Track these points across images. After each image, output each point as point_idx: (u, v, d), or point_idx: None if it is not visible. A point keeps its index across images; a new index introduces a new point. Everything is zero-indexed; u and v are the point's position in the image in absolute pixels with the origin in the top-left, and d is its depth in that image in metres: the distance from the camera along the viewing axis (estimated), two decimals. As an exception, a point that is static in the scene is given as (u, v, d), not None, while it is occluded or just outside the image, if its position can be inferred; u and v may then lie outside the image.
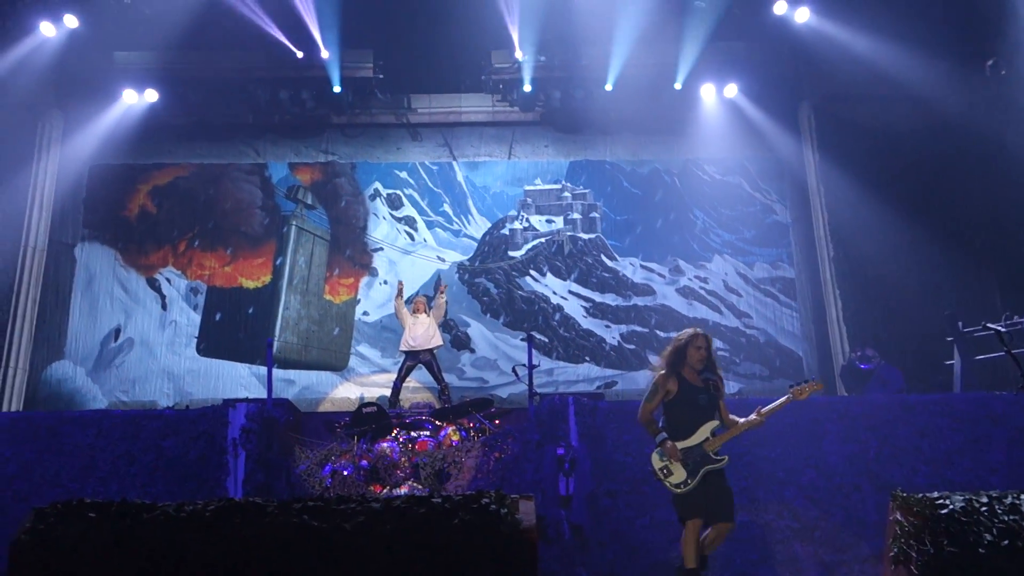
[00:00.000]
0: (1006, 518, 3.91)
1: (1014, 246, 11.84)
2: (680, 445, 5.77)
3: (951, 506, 3.94)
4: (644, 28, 12.17)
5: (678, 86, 13.08)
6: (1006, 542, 3.80)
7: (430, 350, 10.18)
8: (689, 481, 5.70)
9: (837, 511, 7.48)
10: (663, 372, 5.98)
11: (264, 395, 9.80)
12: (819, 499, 7.61)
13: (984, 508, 3.94)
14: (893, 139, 12.54)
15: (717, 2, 11.92)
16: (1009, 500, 4.04)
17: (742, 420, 5.89)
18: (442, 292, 10.70)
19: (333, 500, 3.83)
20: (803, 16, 11.93)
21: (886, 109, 12.77)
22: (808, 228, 13.36)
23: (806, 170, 13.41)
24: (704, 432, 5.81)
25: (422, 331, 10.17)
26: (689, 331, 6.13)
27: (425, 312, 10.36)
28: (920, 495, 4.08)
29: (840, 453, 7.72)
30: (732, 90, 13.28)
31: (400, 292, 10.53)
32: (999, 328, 5.10)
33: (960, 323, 10.12)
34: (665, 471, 5.81)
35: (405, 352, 10.24)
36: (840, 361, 11.95)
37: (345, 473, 7.98)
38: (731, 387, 12.78)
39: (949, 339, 10.42)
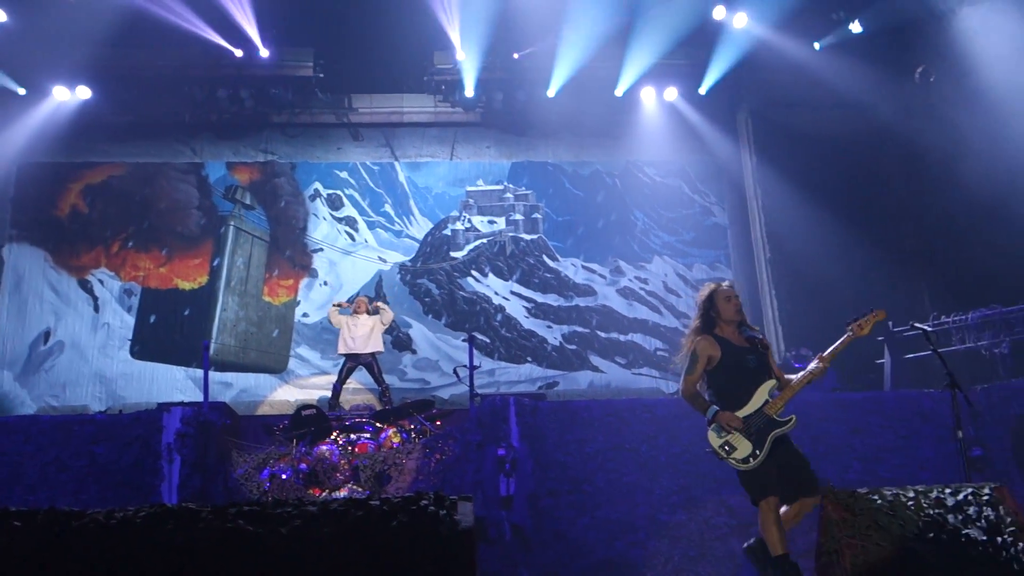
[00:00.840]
0: (931, 511, 4.04)
1: (941, 250, 12.21)
2: (738, 414, 4.97)
3: (879, 501, 4.07)
4: (586, 31, 12.24)
5: (619, 92, 13.21)
6: (931, 534, 3.93)
7: (371, 353, 10.12)
8: (757, 453, 4.87)
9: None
10: (699, 336, 5.22)
11: (200, 399, 9.62)
12: (754, 496, 7.73)
13: (911, 502, 4.07)
14: (828, 144, 12.83)
15: (658, 7, 12.04)
16: (935, 494, 4.17)
17: (802, 372, 5.06)
18: (384, 307, 10.59)
19: (269, 504, 3.78)
20: (741, 22, 12.12)
21: (821, 115, 13.06)
22: (745, 230, 13.61)
23: (744, 173, 13.66)
24: (762, 395, 5.01)
25: (362, 332, 10.09)
26: (709, 285, 5.39)
27: (367, 312, 10.27)
28: (850, 490, 4.20)
29: (776, 451, 7.83)
30: (672, 94, 13.46)
31: (336, 305, 10.51)
32: (926, 328, 5.27)
33: (890, 323, 10.40)
34: (727, 448, 4.97)
35: (344, 354, 10.15)
36: (776, 360, 12.18)
37: (283, 477, 7.89)
38: (670, 387, 12.96)
39: (880, 339, 10.71)
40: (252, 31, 12.25)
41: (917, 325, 5.66)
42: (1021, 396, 8.56)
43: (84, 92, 12.70)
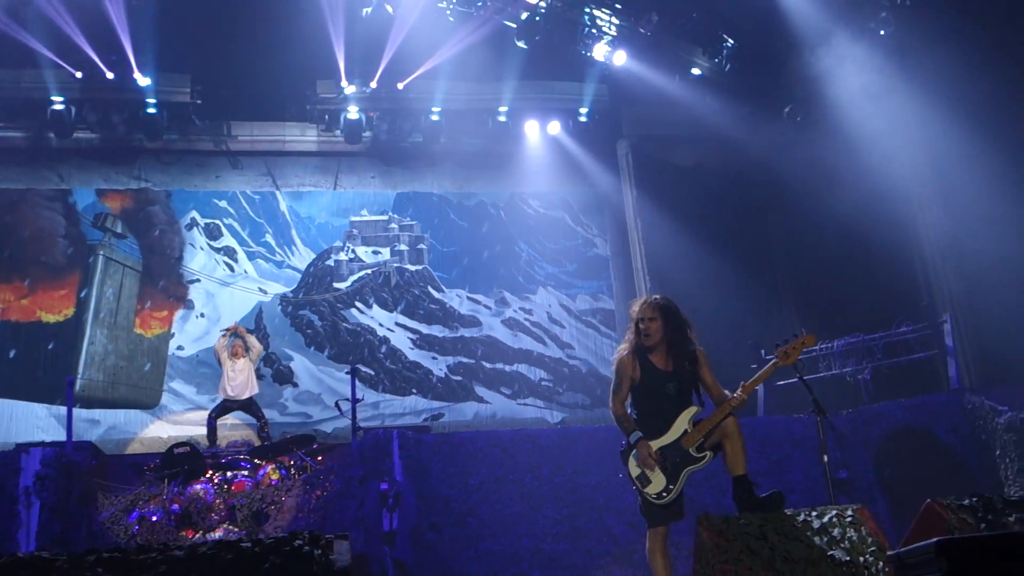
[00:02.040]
0: (799, 535, 4.19)
1: (809, 281, 12.77)
2: (655, 444, 4.81)
3: (750, 526, 4.18)
4: (471, 64, 12.36)
5: (502, 124, 13.38)
6: (799, 557, 4.06)
7: (249, 398, 9.92)
8: (671, 487, 4.76)
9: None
10: (623, 355, 5.03)
11: (64, 437, 9.12)
12: (637, 523, 7.82)
13: (779, 527, 4.21)
14: (705, 177, 13.30)
15: (540, 43, 12.26)
16: (802, 517, 4.32)
17: (721, 405, 4.89)
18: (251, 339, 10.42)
19: (132, 550, 3.58)
20: (620, 59, 12.47)
21: (697, 149, 13.55)
22: (627, 261, 13.89)
23: (624, 205, 13.97)
24: (682, 424, 4.84)
25: (241, 380, 9.89)
26: (638, 299, 5.15)
27: (244, 356, 10.04)
28: (724, 516, 4.30)
29: (656, 478, 7.97)
30: (555, 127, 13.70)
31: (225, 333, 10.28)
32: (793, 357, 5.45)
33: (763, 351, 10.79)
34: (642, 479, 4.83)
35: (224, 398, 9.94)
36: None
37: (154, 519, 7.54)
38: (555, 416, 13.06)
39: (753, 367, 11.08)
40: (126, 54, 11.80)
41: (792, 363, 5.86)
42: (882, 420, 9.01)
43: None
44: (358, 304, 13.35)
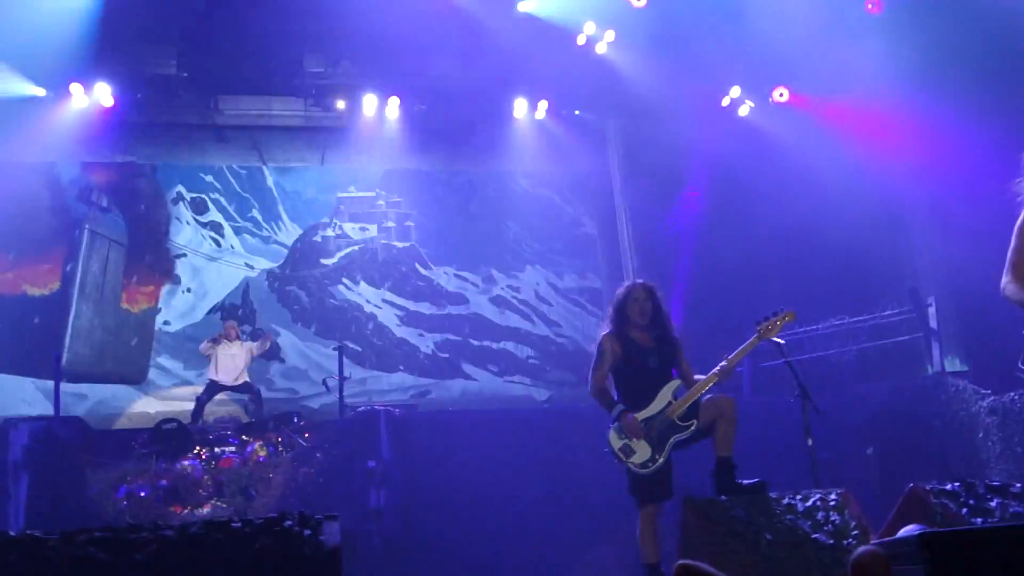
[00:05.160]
0: (784, 518, 4.25)
1: (796, 263, 12.79)
2: (640, 416, 4.94)
3: (736, 509, 4.25)
4: (460, 40, 12.25)
5: (492, 98, 13.28)
6: (784, 540, 4.13)
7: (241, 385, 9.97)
8: (657, 458, 4.83)
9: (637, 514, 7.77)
10: (605, 332, 5.23)
11: (51, 412, 9.13)
12: (622, 503, 7.91)
13: (765, 510, 4.28)
14: (691, 159, 13.27)
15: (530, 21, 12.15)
16: (786, 501, 4.39)
17: (707, 375, 5.07)
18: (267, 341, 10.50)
19: (123, 529, 3.61)
20: (609, 38, 12.39)
21: (685, 127, 13.49)
22: (614, 240, 13.90)
23: (612, 184, 13.97)
24: (665, 396, 4.99)
25: (231, 364, 9.91)
26: (627, 284, 5.44)
27: (238, 339, 10.04)
28: (709, 499, 4.37)
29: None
30: (544, 105, 13.63)
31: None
32: (779, 341, 5.51)
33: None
34: (626, 450, 4.93)
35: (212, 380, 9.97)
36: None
37: (142, 495, 7.58)
38: (541, 394, 13.13)
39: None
40: (111, 25, 11.64)
41: (772, 338, 5.91)
42: (866, 402, 9.12)
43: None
44: (345, 280, 13.34)
